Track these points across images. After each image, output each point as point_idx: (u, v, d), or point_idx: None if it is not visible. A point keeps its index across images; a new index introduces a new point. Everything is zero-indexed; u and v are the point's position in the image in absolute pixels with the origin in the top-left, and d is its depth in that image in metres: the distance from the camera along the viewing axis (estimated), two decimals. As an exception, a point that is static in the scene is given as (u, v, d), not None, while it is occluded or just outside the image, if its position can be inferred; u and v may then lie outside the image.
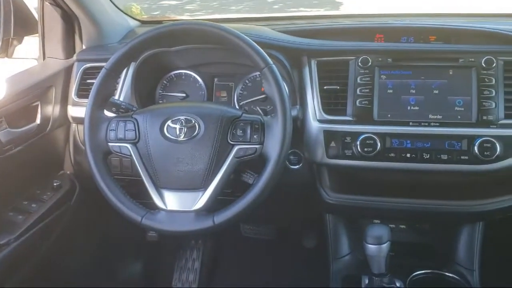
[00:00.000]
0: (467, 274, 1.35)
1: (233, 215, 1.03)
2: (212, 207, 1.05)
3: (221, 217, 1.03)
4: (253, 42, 1.07)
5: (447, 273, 1.35)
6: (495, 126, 1.15)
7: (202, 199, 1.05)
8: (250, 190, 1.04)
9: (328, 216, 1.49)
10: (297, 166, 1.31)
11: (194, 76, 1.46)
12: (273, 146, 1.04)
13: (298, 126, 1.26)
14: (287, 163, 1.31)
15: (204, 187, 1.05)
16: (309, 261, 1.84)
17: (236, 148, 1.07)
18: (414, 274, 1.33)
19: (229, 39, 1.07)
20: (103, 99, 1.13)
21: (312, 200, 1.39)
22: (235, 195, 1.07)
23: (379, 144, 1.17)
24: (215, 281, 1.98)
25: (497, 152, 1.12)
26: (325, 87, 1.25)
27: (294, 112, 1.15)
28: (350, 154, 1.20)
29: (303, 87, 1.27)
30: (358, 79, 1.23)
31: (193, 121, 1.08)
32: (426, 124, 1.18)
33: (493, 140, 1.12)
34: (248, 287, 1.84)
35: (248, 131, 1.07)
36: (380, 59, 1.23)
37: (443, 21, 1.43)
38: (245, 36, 1.07)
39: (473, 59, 1.19)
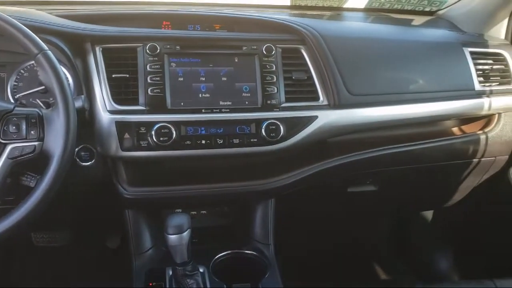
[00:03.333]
0: (264, 248, 1.45)
1: (12, 225, 0.90)
2: None
3: None
4: (23, 26, 0.95)
5: (246, 251, 1.42)
6: (278, 109, 1.24)
7: None
8: (31, 194, 0.92)
9: (127, 212, 1.43)
10: (90, 163, 1.21)
11: None
12: (56, 141, 0.94)
13: (87, 119, 1.16)
14: (78, 160, 1.20)
15: None
16: (113, 261, 1.75)
17: (9, 147, 0.94)
18: (217, 257, 1.37)
19: None
20: None
21: (110, 197, 1.30)
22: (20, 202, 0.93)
23: (174, 132, 1.16)
24: None
25: (281, 133, 1.22)
26: (113, 76, 1.18)
27: (79, 103, 1.05)
28: (146, 145, 1.16)
29: (89, 76, 1.18)
30: (148, 66, 1.19)
31: None
32: (218, 110, 1.22)
33: (277, 122, 1.22)
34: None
35: (24, 127, 0.95)
36: (168, 46, 1.21)
37: (227, 10, 1.49)
38: (11, 19, 0.94)
39: (255, 47, 1.26)
